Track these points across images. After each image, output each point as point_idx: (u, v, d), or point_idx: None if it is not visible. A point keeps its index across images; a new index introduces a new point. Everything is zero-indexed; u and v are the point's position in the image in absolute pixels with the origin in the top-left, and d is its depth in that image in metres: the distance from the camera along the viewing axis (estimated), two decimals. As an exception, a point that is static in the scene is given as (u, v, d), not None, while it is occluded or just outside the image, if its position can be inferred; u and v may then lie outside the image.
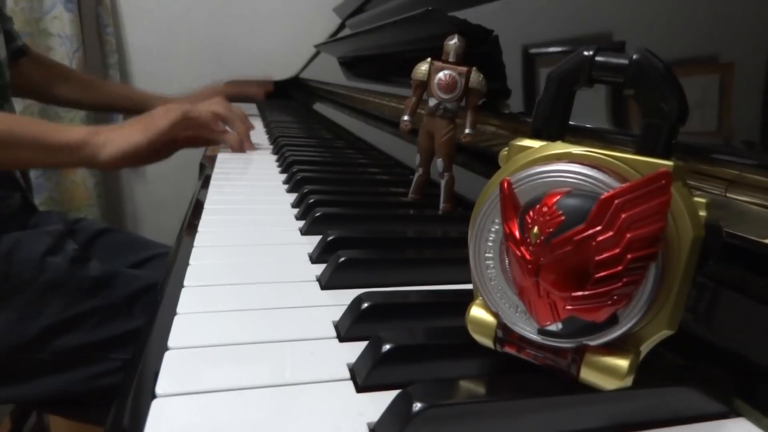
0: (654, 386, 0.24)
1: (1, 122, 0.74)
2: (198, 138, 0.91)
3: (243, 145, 0.93)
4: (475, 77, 0.49)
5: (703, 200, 0.22)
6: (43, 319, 0.68)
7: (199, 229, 0.49)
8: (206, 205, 0.57)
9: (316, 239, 0.44)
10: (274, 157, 0.88)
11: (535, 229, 0.22)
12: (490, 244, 0.25)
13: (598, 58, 0.24)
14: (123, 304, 0.72)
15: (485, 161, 0.54)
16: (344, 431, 0.23)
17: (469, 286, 0.26)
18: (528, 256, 0.22)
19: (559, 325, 0.22)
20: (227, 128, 0.93)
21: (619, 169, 0.22)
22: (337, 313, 0.32)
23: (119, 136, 0.78)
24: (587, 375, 0.23)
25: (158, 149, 0.83)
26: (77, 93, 1.20)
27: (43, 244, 0.73)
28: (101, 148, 0.77)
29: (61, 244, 0.75)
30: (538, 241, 0.22)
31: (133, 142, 0.78)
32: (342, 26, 1.54)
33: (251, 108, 1.58)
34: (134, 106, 1.19)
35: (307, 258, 0.43)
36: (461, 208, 0.53)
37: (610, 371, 0.22)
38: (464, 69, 0.49)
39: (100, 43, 1.82)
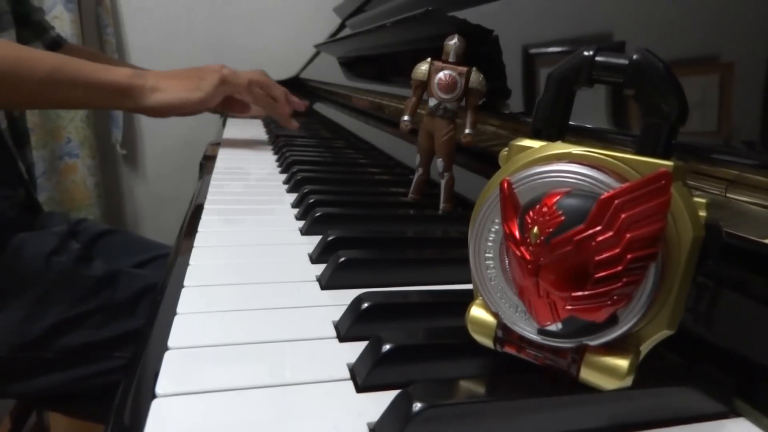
0: (654, 386, 0.24)
1: (50, 58, 0.75)
2: (236, 102, 0.93)
3: (287, 117, 0.96)
4: (475, 77, 0.49)
5: (703, 200, 0.22)
6: (47, 318, 0.68)
7: (199, 229, 0.49)
8: (206, 205, 0.57)
9: (316, 239, 0.44)
10: (275, 157, 0.88)
11: (535, 229, 0.22)
12: (490, 244, 0.25)
13: (598, 58, 0.24)
14: (126, 303, 0.72)
15: (485, 161, 0.54)
16: (344, 431, 0.23)
17: (469, 286, 0.26)
18: (528, 256, 0.22)
19: (559, 325, 0.22)
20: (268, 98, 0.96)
21: (619, 169, 0.22)
22: (337, 313, 0.32)
23: (170, 87, 0.81)
24: (587, 375, 0.23)
25: (204, 108, 0.86)
26: None
27: (49, 244, 0.73)
28: (149, 93, 0.79)
29: (66, 245, 0.75)
30: (538, 241, 0.22)
31: (182, 97, 0.81)
32: (342, 26, 1.54)
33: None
34: None
35: (307, 258, 0.43)
36: (461, 208, 0.53)
37: (610, 371, 0.22)
38: (464, 69, 0.49)
39: (100, 43, 1.82)
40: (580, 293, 0.21)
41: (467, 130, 0.49)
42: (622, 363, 0.22)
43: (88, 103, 0.84)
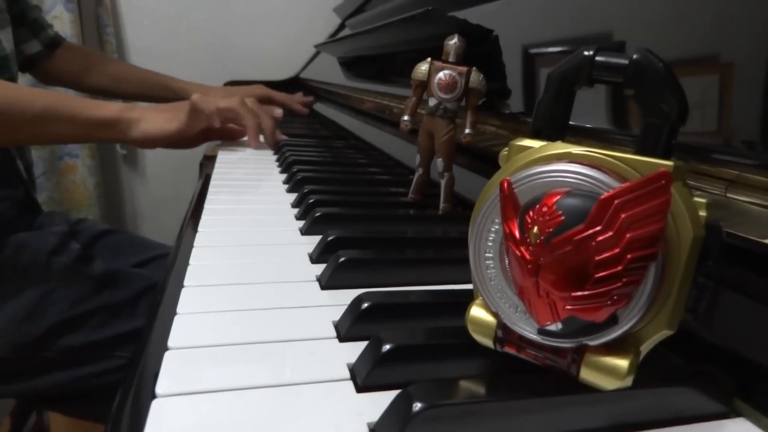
0: (654, 386, 0.24)
1: (43, 97, 0.76)
2: (211, 132, 0.92)
3: (253, 141, 0.94)
4: (475, 77, 0.49)
5: (703, 200, 0.22)
6: (48, 318, 0.68)
7: (199, 229, 0.49)
8: (206, 205, 0.57)
9: (316, 239, 0.44)
10: (275, 157, 0.88)
11: (535, 229, 0.22)
12: (490, 244, 0.25)
13: (598, 58, 0.24)
14: (127, 302, 0.72)
15: (485, 161, 0.54)
16: (344, 431, 0.23)
17: (469, 286, 0.26)
18: (528, 256, 0.22)
19: (559, 325, 0.22)
20: (232, 125, 0.95)
21: (619, 169, 0.22)
22: (337, 313, 0.32)
23: (151, 120, 0.82)
24: (587, 375, 0.23)
25: (187, 139, 0.86)
26: (114, 81, 1.20)
27: (49, 244, 0.74)
28: (134, 125, 0.81)
29: (66, 245, 0.75)
30: (538, 241, 0.22)
31: (161, 128, 0.82)
32: (342, 26, 1.54)
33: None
34: (174, 97, 1.17)
35: (307, 258, 0.43)
36: (461, 208, 0.53)
37: (610, 371, 0.22)
38: (464, 69, 0.49)
39: (100, 43, 1.82)
40: (580, 293, 0.21)
41: (467, 130, 0.49)
42: (622, 363, 0.22)
43: (80, 137, 0.86)
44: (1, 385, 0.72)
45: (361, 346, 0.28)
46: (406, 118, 0.52)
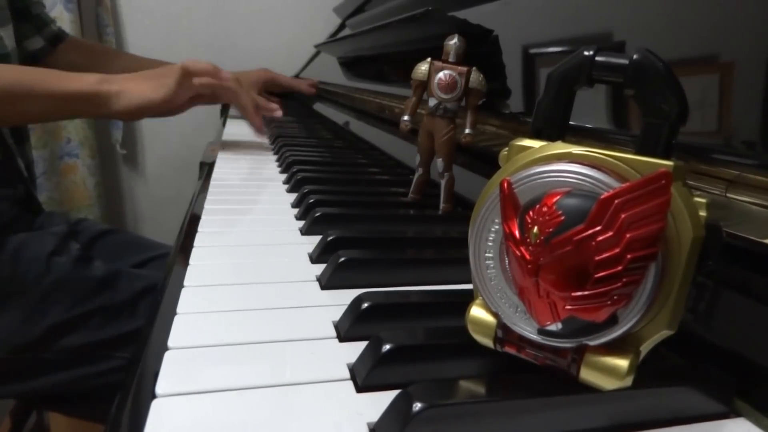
0: (654, 386, 0.24)
1: (9, 73, 0.72)
2: (205, 95, 0.89)
3: (256, 118, 0.91)
4: (475, 77, 0.49)
5: (703, 200, 0.22)
6: (48, 319, 0.68)
7: (199, 229, 0.49)
8: (206, 205, 0.57)
9: (316, 239, 0.44)
10: (275, 157, 0.88)
11: (535, 229, 0.22)
12: (490, 244, 0.25)
13: (599, 58, 0.24)
14: (127, 303, 0.72)
15: (485, 161, 0.54)
16: (344, 431, 0.23)
17: (469, 286, 0.26)
18: (528, 256, 0.22)
19: (559, 325, 0.22)
20: (238, 92, 0.91)
21: (619, 169, 0.22)
22: (337, 313, 0.32)
23: (135, 89, 0.78)
24: (587, 375, 0.23)
25: (173, 105, 0.83)
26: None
27: (49, 244, 0.73)
28: (116, 98, 0.77)
29: (66, 245, 0.75)
30: (538, 241, 0.22)
31: (146, 97, 0.79)
32: (342, 26, 1.54)
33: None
34: None
35: (307, 258, 0.43)
36: (461, 208, 0.53)
37: (609, 371, 0.22)
38: (464, 69, 0.49)
39: (100, 43, 1.82)
40: (580, 293, 0.21)
41: (467, 130, 0.49)
42: (622, 363, 0.22)
43: (56, 113, 0.80)
44: (1, 386, 0.72)
45: (361, 346, 0.28)
46: (406, 118, 0.52)
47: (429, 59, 0.50)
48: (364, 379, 0.26)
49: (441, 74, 0.49)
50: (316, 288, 0.37)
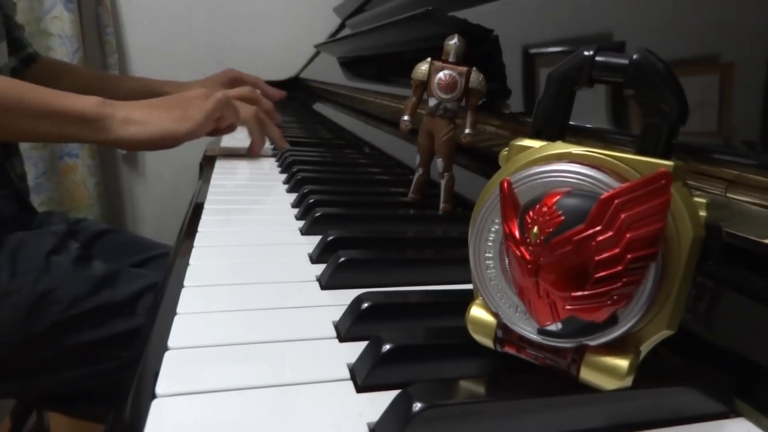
0: (654, 386, 0.24)
1: (8, 87, 0.67)
2: (230, 127, 0.85)
3: (256, 151, 0.89)
4: (475, 77, 0.49)
5: (703, 200, 0.22)
6: (48, 318, 0.68)
7: (199, 229, 0.49)
8: (206, 206, 0.57)
9: (316, 239, 0.44)
10: (275, 157, 0.88)
11: (535, 229, 0.22)
12: (490, 244, 0.25)
13: (599, 58, 0.24)
14: (127, 302, 0.72)
15: (485, 161, 0.54)
16: (344, 431, 0.23)
17: (469, 286, 0.26)
18: (528, 256, 0.22)
19: (559, 325, 0.22)
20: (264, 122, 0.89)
21: (619, 169, 0.22)
22: (337, 313, 0.32)
23: (150, 119, 0.73)
24: (587, 375, 0.23)
25: (193, 138, 0.78)
26: (90, 92, 1.17)
27: (48, 243, 0.73)
28: (121, 125, 0.71)
29: (65, 244, 0.75)
30: (538, 241, 0.22)
31: (165, 129, 0.73)
32: (342, 26, 1.54)
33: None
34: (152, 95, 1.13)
35: (307, 258, 0.43)
36: (461, 208, 0.53)
37: (609, 371, 0.22)
38: (464, 69, 0.49)
39: (100, 43, 1.82)
40: (580, 293, 0.21)
41: (467, 130, 0.49)
42: (622, 363, 0.22)
43: (48, 134, 0.73)
44: (1, 385, 0.72)
45: (361, 346, 0.28)
46: (406, 118, 0.52)
47: (429, 59, 0.50)
48: (364, 379, 0.26)
49: (441, 74, 0.49)
50: (316, 288, 0.37)
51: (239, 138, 1.08)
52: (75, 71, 1.18)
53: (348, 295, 0.33)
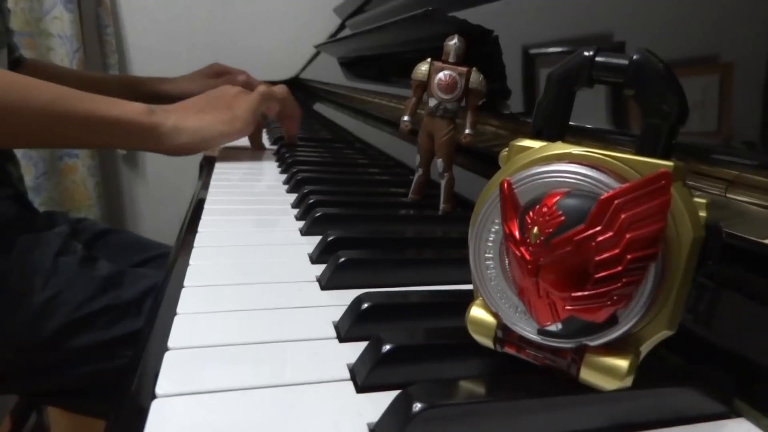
0: (654, 386, 0.24)
1: (52, 89, 0.64)
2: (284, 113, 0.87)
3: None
4: (475, 77, 0.49)
5: (703, 200, 0.22)
6: (57, 319, 0.68)
7: (199, 229, 0.49)
8: (206, 205, 0.57)
9: (316, 239, 0.44)
10: (275, 157, 0.88)
11: (535, 229, 0.22)
12: (490, 244, 0.25)
13: (599, 59, 0.24)
14: (133, 302, 0.72)
15: (485, 161, 0.54)
16: (344, 431, 0.23)
17: (469, 286, 0.26)
18: (528, 256, 0.22)
19: (559, 325, 0.22)
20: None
21: (619, 169, 0.22)
22: (337, 314, 0.32)
23: (202, 124, 0.72)
24: (587, 375, 0.23)
25: (241, 136, 0.79)
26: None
27: (54, 245, 0.73)
28: (173, 132, 0.69)
29: (70, 245, 0.75)
30: (538, 241, 0.22)
31: (220, 131, 0.72)
32: (342, 26, 1.54)
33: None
34: (140, 96, 1.13)
35: (307, 258, 0.43)
36: (461, 208, 0.53)
37: (609, 371, 0.22)
38: (464, 69, 0.49)
39: (100, 43, 1.82)
40: (580, 293, 0.21)
41: (467, 131, 0.49)
42: (622, 363, 0.22)
43: (96, 140, 0.71)
44: (12, 384, 0.72)
45: (361, 346, 0.28)
46: (406, 118, 0.52)
47: (429, 59, 0.50)
48: (364, 379, 0.26)
49: (441, 74, 0.49)
50: (316, 288, 0.37)
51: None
52: (61, 74, 1.17)
53: (348, 296, 0.33)
